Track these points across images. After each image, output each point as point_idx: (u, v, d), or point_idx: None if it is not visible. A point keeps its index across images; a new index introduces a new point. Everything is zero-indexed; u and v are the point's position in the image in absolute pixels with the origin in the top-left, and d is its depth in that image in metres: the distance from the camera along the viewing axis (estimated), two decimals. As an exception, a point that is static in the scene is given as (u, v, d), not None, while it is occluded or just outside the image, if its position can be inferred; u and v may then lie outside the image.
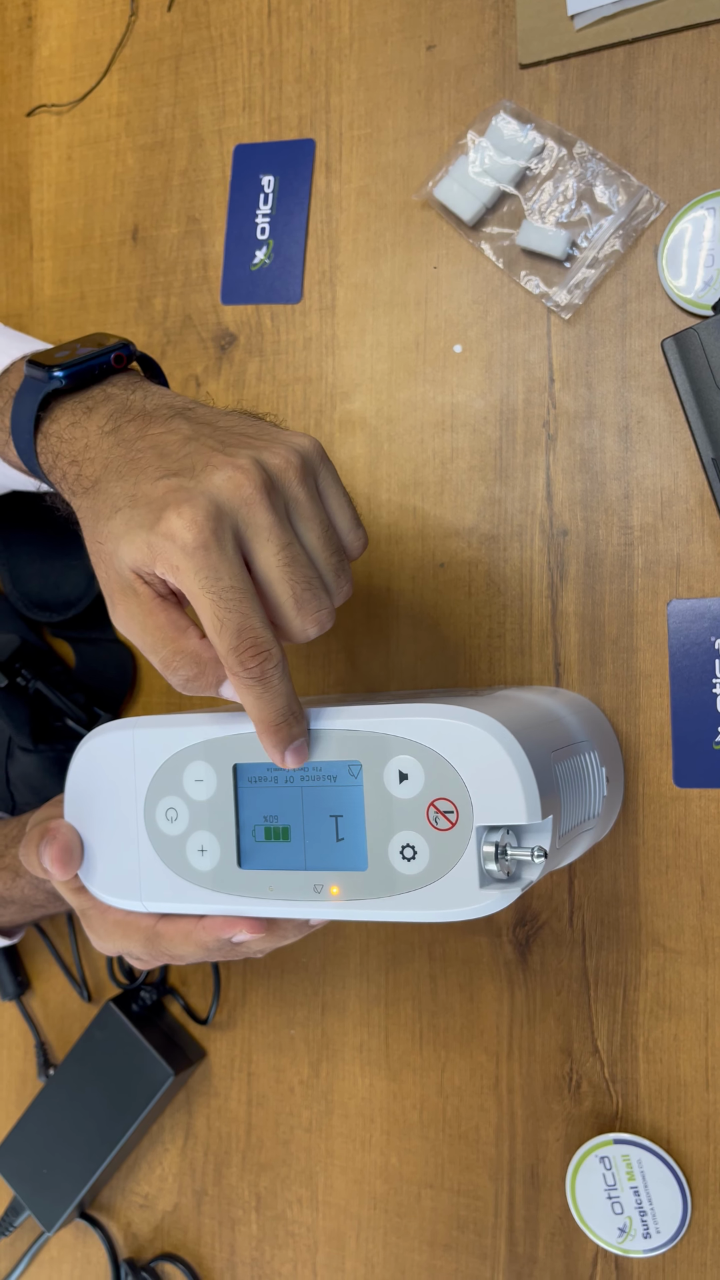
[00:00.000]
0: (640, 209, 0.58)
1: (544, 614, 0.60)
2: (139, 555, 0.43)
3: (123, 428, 0.47)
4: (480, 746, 0.44)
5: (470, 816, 0.44)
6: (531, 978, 0.60)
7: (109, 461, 0.46)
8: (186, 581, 0.42)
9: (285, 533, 0.44)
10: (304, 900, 0.47)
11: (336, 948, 0.65)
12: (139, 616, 0.44)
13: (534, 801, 0.43)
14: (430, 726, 0.45)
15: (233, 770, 0.48)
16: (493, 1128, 0.61)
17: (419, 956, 0.63)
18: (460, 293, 0.62)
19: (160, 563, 0.43)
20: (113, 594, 0.45)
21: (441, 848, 0.44)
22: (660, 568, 0.58)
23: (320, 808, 0.47)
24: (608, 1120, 0.59)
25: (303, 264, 0.66)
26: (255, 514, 0.43)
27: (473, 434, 0.62)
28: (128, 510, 0.44)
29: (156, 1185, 0.70)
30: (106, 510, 0.45)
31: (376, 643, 0.64)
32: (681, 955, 0.57)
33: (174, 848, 0.49)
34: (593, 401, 0.59)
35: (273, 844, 0.48)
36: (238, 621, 0.42)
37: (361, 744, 0.46)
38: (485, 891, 0.44)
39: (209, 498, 0.43)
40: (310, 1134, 0.65)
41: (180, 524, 0.42)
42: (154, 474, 0.44)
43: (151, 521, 0.43)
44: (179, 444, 0.45)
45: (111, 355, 0.50)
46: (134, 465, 0.45)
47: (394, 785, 0.45)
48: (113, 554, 0.44)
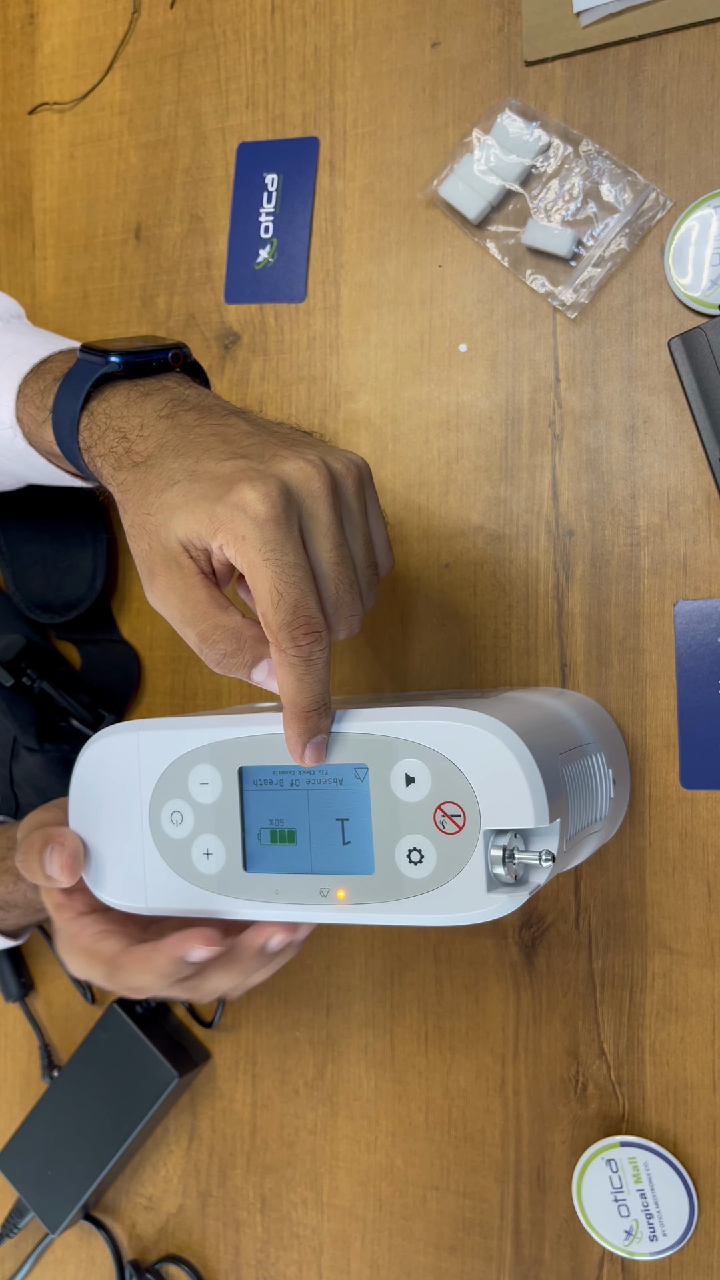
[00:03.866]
0: (646, 207, 0.58)
1: (550, 615, 0.60)
2: (197, 526, 0.44)
3: (180, 415, 0.48)
4: (487, 750, 0.44)
5: (477, 820, 0.44)
6: (537, 980, 0.60)
7: (165, 441, 0.47)
8: (250, 552, 0.43)
9: (340, 533, 0.46)
10: (310, 904, 0.47)
11: (341, 949, 0.65)
12: (180, 589, 0.45)
13: (541, 805, 0.43)
14: (437, 730, 0.44)
15: (238, 773, 0.48)
16: (498, 1130, 0.61)
17: (424, 958, 0.63)
18: (465, 291, 0.62)
19: (224, 532, 0.43)
20: (154, 566, 0.46)
21: (448, 851, 0.44)
22: (667, 568, 0.58)
23: (326, 811, 0.47)
24: (614, 1123, 0.59)
25: (306, 263, 0.66)
26: (319, 508, 0.45)
27: (478, 434, 0.62)
28: (187, 483, 0.44)
29: (161, 1187, 0.70)
30: (160, 483, 0.45)
31: (382, 643, 0.64)
32: (688, 957, 0.57)
33: (179, 851, 0.49)
34: (599, 401, 0.59)
35: (278, 847, 0.48)
36: (296, 597, 0.43)
37: (368, 747, 0.46)
38: (493, 895, 0.44)
39: (281, 480, 0.44)
40: (315, 1136, 0.65)
41: (254, 496, 0.43)
42: (219, 455, 0.45)
43: (219, 494, 0.43)
44: (241, 436, 0.47)
45: (169, 353, 0.51)
46: (195, 446, 0.46)
47: (401, 788, 0.45)
48: (163, 524, 0.45)
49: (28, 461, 0.57)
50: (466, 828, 0.44)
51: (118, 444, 0.48)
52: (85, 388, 0.49)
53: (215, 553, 0.45)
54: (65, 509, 0.68)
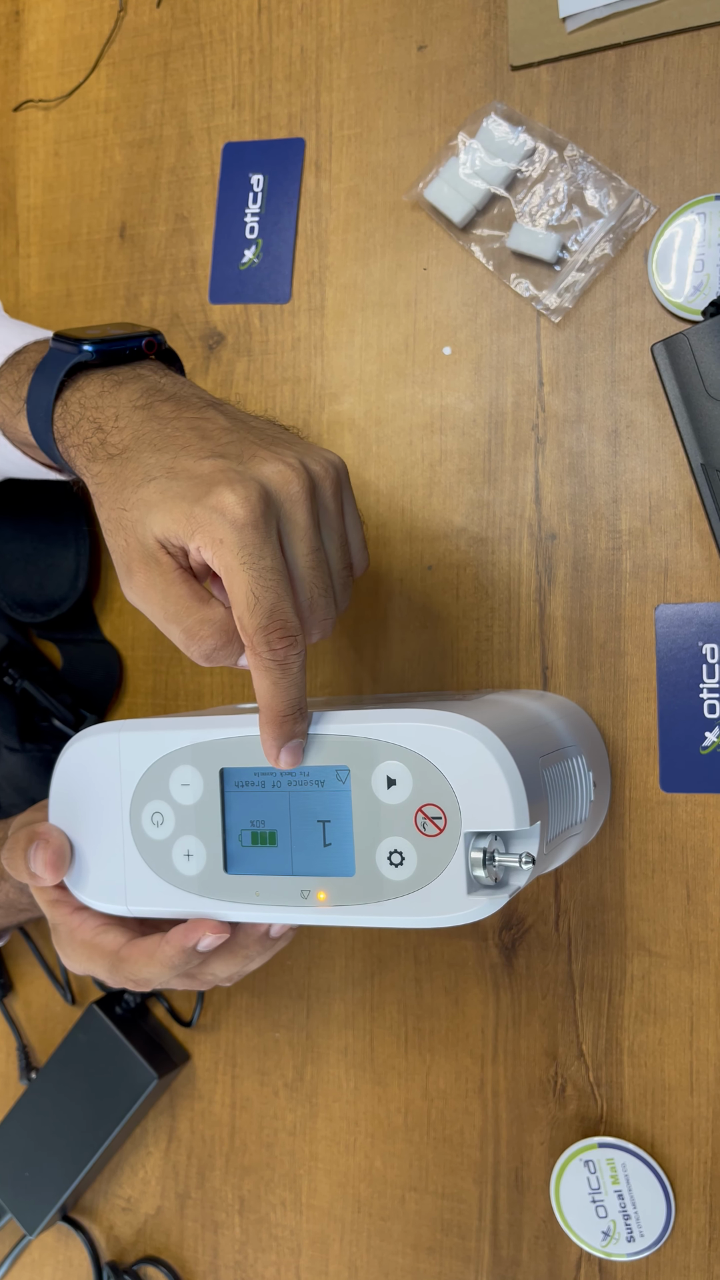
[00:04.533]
0: (631, 213, 0.58)
1: (532, 618, 0.60)
2: (175, 525, 0.44)
3: (156, 405, 0.47)
4: (469, 752, 0.44)
5: (458, 822, 0.44)
6: (517, 981, 0.60)
7: (141, 434, 0.46)
8: (227, 556, 0.43)
9: (316, 537, 0.46)
10: (291, 905, 0.47)
11: (322, 951, 0.65)
12: (160, 585, 0.45)
13: (522, 808, 0.43)
14: (419, 732, 0.44)
15: (219, 774, 0.48)
16: (477, 1131, 0.61)
17: (405, 960, 0.63)
18: (450, 295, 0.62)
19: (202, 534, 0.43)
20: (131, 562, 0.45)
21: (429, 854, 0.44)
22: (648, 572, 0.58)
23: (307, 813, 0.47)
24: (592, 1124, 0.59)
25: (292, 264, 0.66)
26: (297, 512, 0.45)
27: (462, 436, 0.62)
28: (165, 480, 0.44)
29: (139, 1188, 0.69)
30: (136, 478, 0.45)
31: (363, 645, 0.64)
32: (667, 959, 0.57)
33: (160, 852, 0.49)
34: (582, 405, 0.59)
35: (259, 849, 0.48)
36: (272, 601, 0.43)
37: (350, 749, 0.46)
38: (473, 898, 0.44)
39: (260, 483, 0.44)
40: (294, 1137, 0.65)
41: (233, 499, 0.43)
42: (198, 453, 0.45)
43: (198, 495, 0.43)
44: (219, 431, 0.46)
45: (143, 340, 0.51)
46: (172, 441, 0.46)
47: (382, 791, 0.45)
48: (139, 521, 0.45)
49: (2, 453, 0.57)
50: (447, 830, 0.44)
51: (92, 435, 0.48)
52: (59, 377, 0.49)
53: (192, 553, 0.44)
54: (47, 507, 0.68)
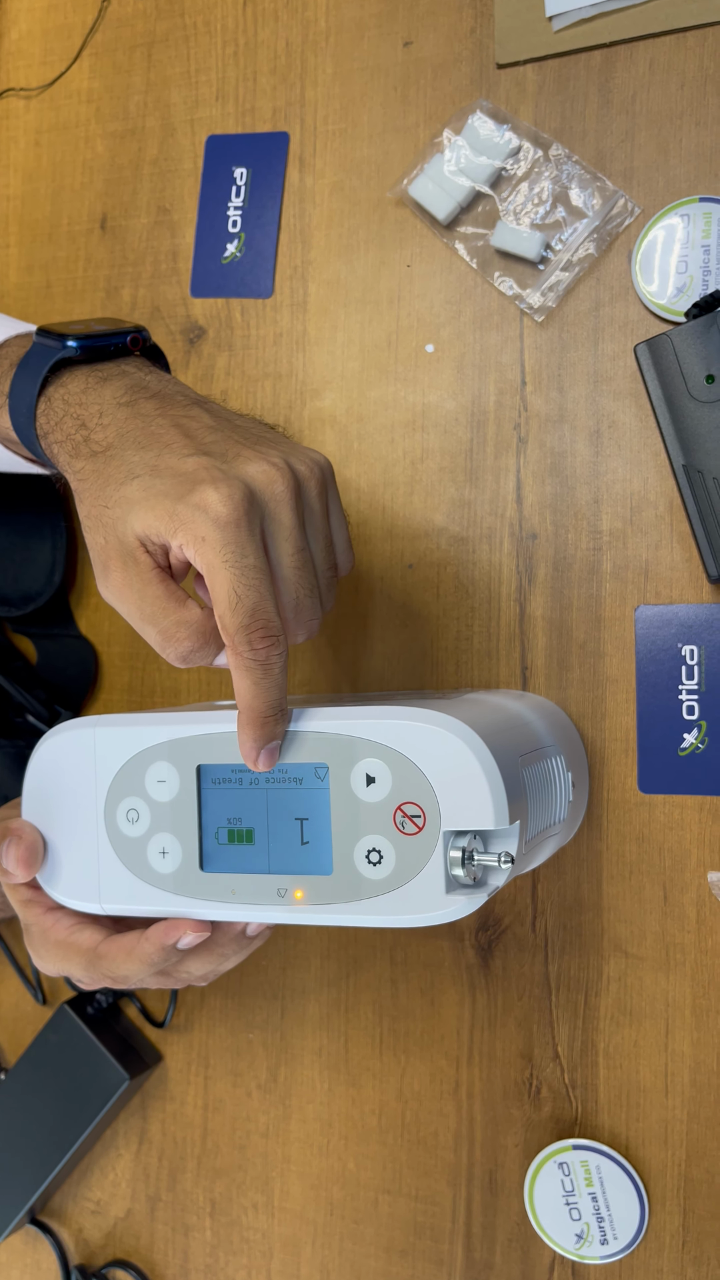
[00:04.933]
0: (615, 213, 0.58)
1: (512, 617, 0.60)
2: (157, 523, 0.43)
3: (139, 402, 0.47)
4: (449, 751, 0.43)
5: (437, 821, 0.43)
6: (493, 982, 0.60)
7: (125, 431, 0.46)
8: (209, 554, 0.42)
9: (301, 537, 0.45)
10: (267, 904, 0.46)
11: (297, 951, 0.64)
12: (137, 585, 0.44)
13: (502, 807, 0.43)
14: (398, 730, 0.44)
15: (196, 771, 0.48)
16: (452, 1133, 0.61)
17: (380, 960, 0.62)
18: (433, 292, 0.62)
19: (184, 532, 0.43)
20: (109, 559, 0.45)
21: (408, 852, 0.44)
22: (629, 573, 0.58)
23: (285, 810, 0.46)
24: (567, 1126, 0.59)
25: (274, 258, 0.65)
26: (282, 511, 0.44)
27: (443, 435, 0.61)
28: (148, 478, 0.44)
29: (109, 1191, 0.69)
30: (120, 476, 0.45)
31: (343, 643, 0.63)
32: (643, 961, 0.57)
33: (135, 849, 0.48)
34: (564, 405, 0.59)
35: (236, 847, 0.47)
36: (254, 601, 0.42)
37: (329, 746, 0.45)
38: (451, 897, 0.43)
39: (244, 482, 0.43)
40: (267, 1139, 0.65)
41: (216, 497, 0.42)
42: (181, 451, 0.45)
43: (181, 492, 0.43)
44: (203, 430, 0.46)
45: (128, 337, 0.51)
46: (155, 439, 0.45)
47: (361, 788, 0.45)
48: (120, 519, 0.44)
49: None
50: (426, 828, 0.44)
51: (75, 431, 0.47)
52: (42, 372, 0.49)
53: (174, 551, 0.44)
54: (25, 500, 0.67)
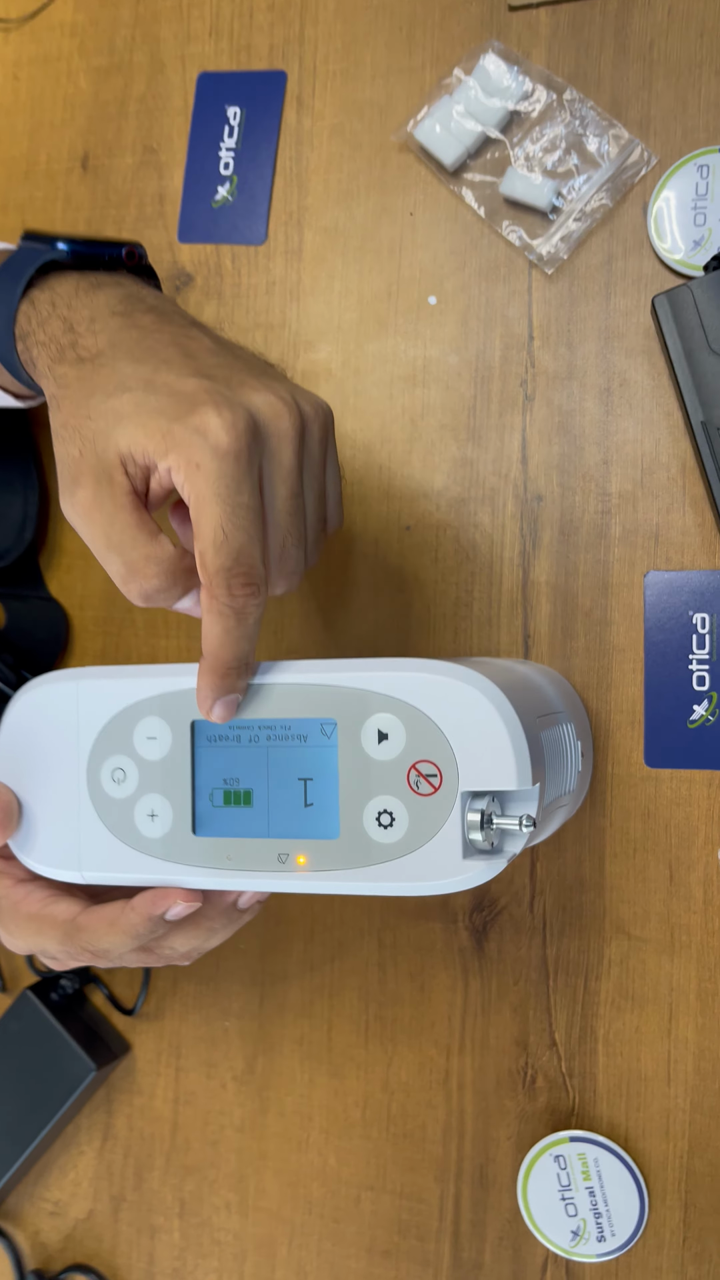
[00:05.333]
0: (631, 163, 0.56)
1: (514, 583, 0.57)
2: (146, 441, 0.39)
3: (136, 315, 0.44)
4: (469, 706, 0.40)
5: (455, 781, 0.40)
6: (488, 966, 0.57)
7: (119, 341, 0.42)
8: (201, 484, 0.39)
9: (298, 481, 0.42)
10: (266, 870, 0.43)
11: (278, 934, 0.61)
12: (108, 508, 0.40)
13: (525, 766, 0.40)
14: (415, 683, 0.41)
15: (190, 727, 0.44)
16: (440, 1126, 0.58)
17: (367, 944, 0.59)
18: (437, 241, 0.59)
19: (177, 454, 0.39)
20: (80, 475, 0.41)
21: (422, 814, 0.41)
22: (638, 538, 0.55)
23: (288, 770, 0.43)
24: (563, 1117, 0.56)
25: (269, 203, 0.62)
26: (284, 450, 0.41)
27: (445, 390, 0.59)
28: (141, 393, 0.40)
29: (69, 1190, 0.64)
30: (109, 386, 0.41)
31: (334, 608, 0.60)
32: (646, 943, 0.55)
33: (120, 812, 0.45)
34: (573, 362, 0.57)
35: (233, 809, 0.44)
36: (241, 542, 0.39)
37: (338, 700, 0.42)
38: (469, 863, 0.40)
39: (249, 412, 0.40)
40: (242, 1134, 0.61)
41: (219, 423, 0.39)
42: (182, 369, 0.41)
43: (180, 412, 0.39)
44: (205, 353, 0.43)
45: (123, 250, 0.47)
46: (153, 354, 0.42)
47: (372, 746, 0.42)
48: (103, 432, 0.40)
49: None
50: (442, 789, 0.41)
51: (62, 334, 0.43)
52: (28, 273, 0.45)
53: (160, 474, 0.40)
54: (-6, 451, 0.63)
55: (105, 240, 0.48)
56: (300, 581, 0.44)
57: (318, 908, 0.60)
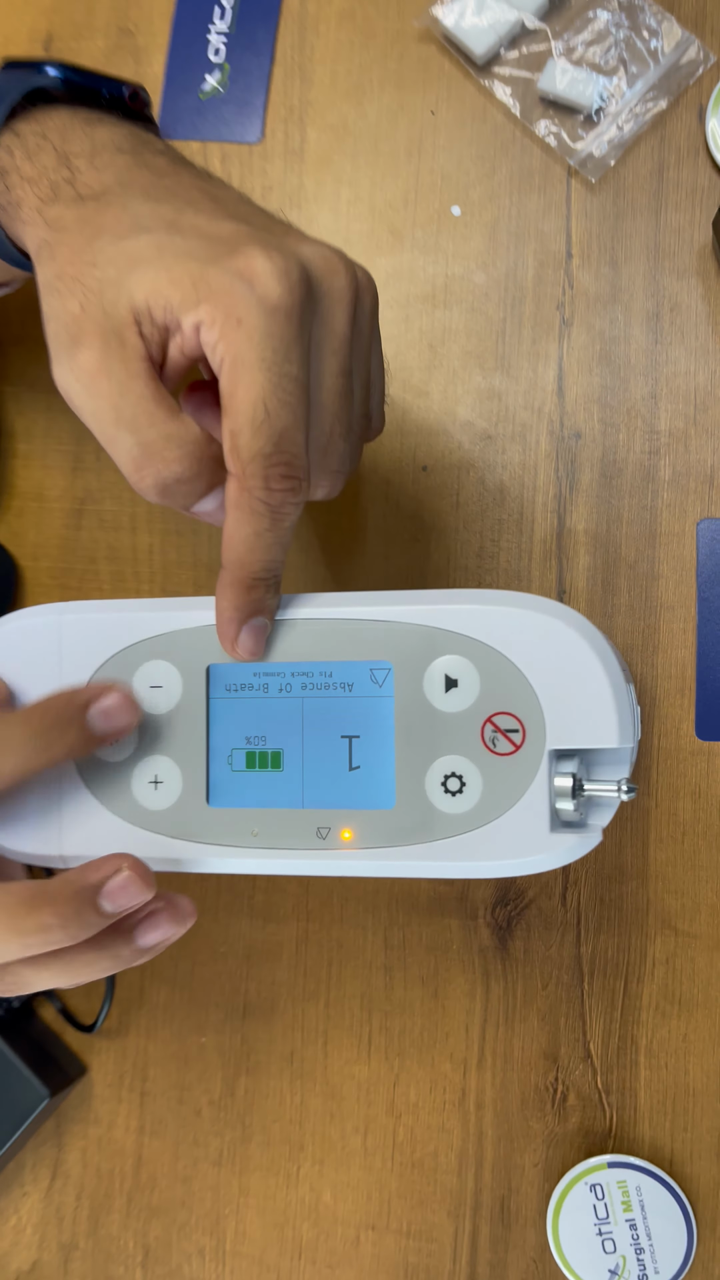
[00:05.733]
0: (685, 61, 0.50)
1: (548, 531, 0.50)
2: (171, 290, 0.31)
3: (146, 155, 0.36)
4: (561, 646, 0.33)
5: (541, 737, 0.33)
6: (512, 968, 0.50)
7: (129, 180, 0.34)
8: (242, 344, 0.31)
9: (349, 358, 0.34)
10: (302, 848, 0.35)
11: (265, 934, 0.52)
12: (119, 375, 0.32)
13: (626, 719, 0.33)
14: (493, 618, 0.34)
15: (205, 674, 0.36)
16: (455, 1153, 0.50)
17: (372, 943, 0.51)
18: (462, 144, 0.52)
19: (212, 305, 0.31)
20: (82, 335, 0.32)
21: (500, 778, 0.33)
22: (690, 481, 0.49)
23: (328, 725, 0.35)
24: (599, 1139, 0.49)
25: (266, 96, 0.54)
26: (337, 315, 0.33)
27: (470, 313, 0.52)
28: (165, 235, 0.32)
29: (10, 1239, 0.55)
30: (120, 227, 0.33)
31: (339, 559, 0.52)
32: (697, 939, 0.48)
33: (114, 779, 0.36)
34: (617, 283, 0.50)
35: (258, 774, 0.36)
36: (286, 423, 0.31)
37: (393, 639, 0.34)
38: (557, 836, 0.33)
39: (301, 262, 0.32)
40: (220, 1168, 0.52)
41: (268, 268, 0.31)
42: (213, 213, 0.33)
43: (216, 254, 0.32)
44: (235, 201, 0.35)
45: (127, 90, 0.40)
46: (174, 194, 0.34)
47: (438, 695, 0.34)
48: (114, 281, 0.32)
49: None
50: (525, 747, 0.33)
51: (55, 168, 0.35)
52: (10, 99, 0.37)
53: (182, 337, 0.32)
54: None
55: (104, 74, 0.40)
56: (341, 488, 0.37)
57: (313, 902, 0.52)
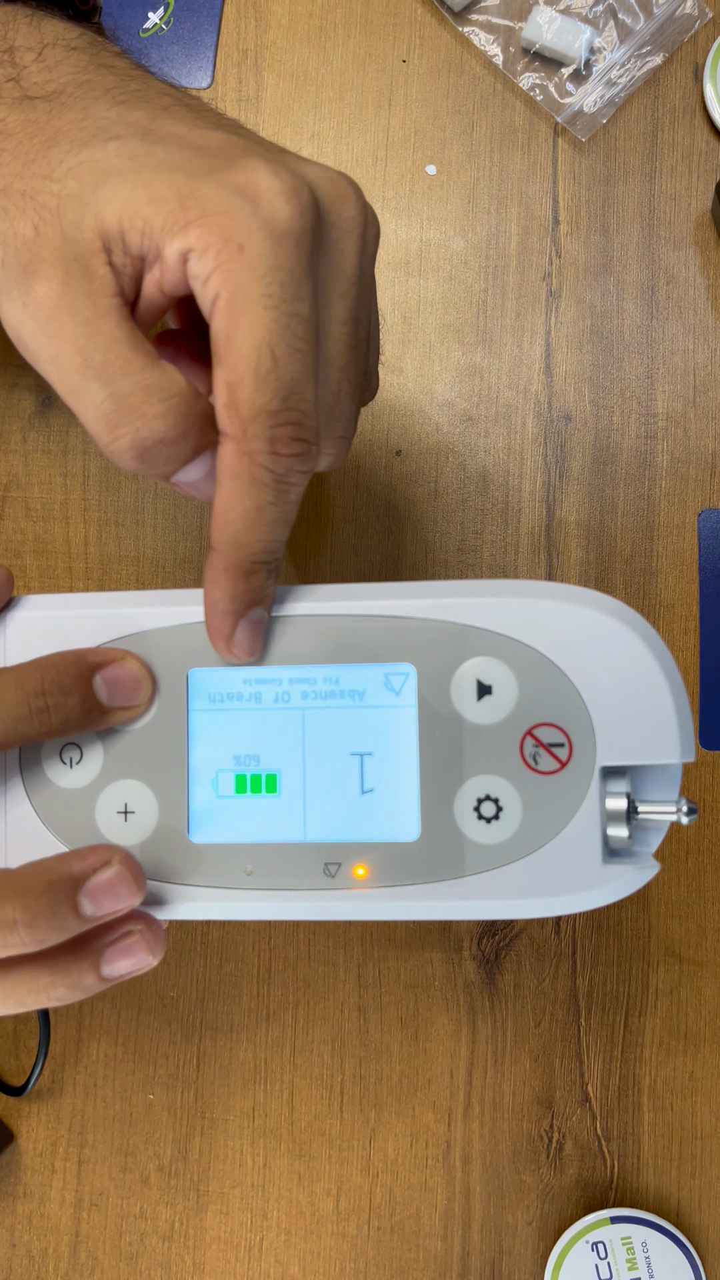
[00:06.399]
0: (680, 15, 0.46)
1: (536, 522, 0.46)
2: (150, 209, 0.25)
3: (106, 57, 0.30)
4: (612, 647, 0.28)
5: (590, 753, 0.28)
6: (501, 1005, 0.45)
7: (88, 80, 0.28)
8: (244, 276, 0.25)
9: (358, 302, 0.28)
10: (306, 888, 0.29)
11: (223, 974, 0.47)
12: (84, 313, 0.26)
13: (688, 731, 0.29)
14: (533, 614, 0.29)
15: (185, 681, 0.30)
16: (440, 1213, 0.45)
17: (344, 982, 0.46)
18: (438, 97, 0.47)
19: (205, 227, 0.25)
20: (36, 263, 0.26)
21: (542, 800, 0.28)
22: (690, 469, 0.45)
23: (334, 741, 0.30)
24: (599, 1192, 0.44)
25: (217, 35, 0.49)
26: (348, 249, 0.28)
27: (448, 281, 0.47)
28: (138, 142, 0.26)
29: None
30: (81, 133, 0.27)
31: (305, 553, 0.47)
32: (703, 967, 0.44)
33: (74, 808, 0.30)
34: (609, 252, 0.46)
35: (250, 800, 0.30)
36: (296, 374, 0.25)
37: (413, 638, 0.29)
38: (611, 869, 0.28)
39: (309, 183, 0.26)
40: (170, 1243, 0.46)
41: (276, 185, 0.25)
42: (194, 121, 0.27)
43: (209, 167, 0.26)
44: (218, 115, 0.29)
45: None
46: (144, 99, 0.28)
47: (468, 704, 0.29)
48: (76, 197, 0.26)
49: None
50: (572, 763, 0.28)
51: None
52: None
53: (166, 264, 0.26)
54: None
55: None
56: (346, 455, 0.31)
57: (276, 938, 0.46)
